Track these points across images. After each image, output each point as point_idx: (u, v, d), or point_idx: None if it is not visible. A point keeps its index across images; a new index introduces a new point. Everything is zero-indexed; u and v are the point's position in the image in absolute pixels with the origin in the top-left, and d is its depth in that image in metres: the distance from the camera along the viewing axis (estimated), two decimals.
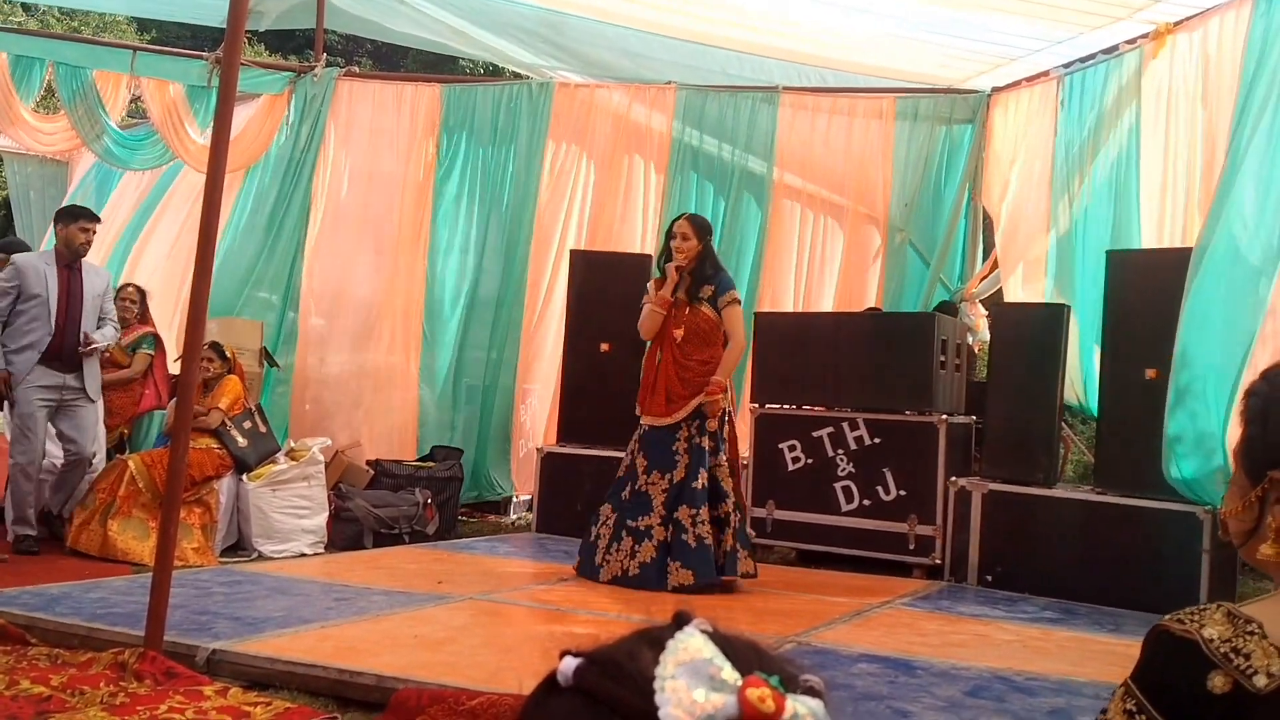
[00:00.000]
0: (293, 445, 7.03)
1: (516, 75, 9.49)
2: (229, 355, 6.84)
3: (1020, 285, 7.77)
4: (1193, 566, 5.39)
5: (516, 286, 8.53)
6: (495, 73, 12.65)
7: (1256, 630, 1.18)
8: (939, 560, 6.33)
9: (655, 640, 0.69)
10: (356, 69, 9.62)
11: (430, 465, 7.79)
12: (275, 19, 8.98)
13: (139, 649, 3.81)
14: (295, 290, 8.53)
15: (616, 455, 7.13)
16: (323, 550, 6.58)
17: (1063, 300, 6.93)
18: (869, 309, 8.03)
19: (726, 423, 5.67)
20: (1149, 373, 5.73)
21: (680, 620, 0.71)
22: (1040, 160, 7.64)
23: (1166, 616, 1.24)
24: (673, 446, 5.54)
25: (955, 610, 5.48)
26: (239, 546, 6.44)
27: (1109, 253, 6.33)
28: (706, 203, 8.50)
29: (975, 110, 8.28)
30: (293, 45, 18.47)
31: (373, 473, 7.66)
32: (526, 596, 5.40)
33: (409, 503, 7.12)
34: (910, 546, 6.42)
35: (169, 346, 7.30)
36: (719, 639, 0.69)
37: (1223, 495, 1.78)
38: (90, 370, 6.18)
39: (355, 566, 5.96)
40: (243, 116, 8.13)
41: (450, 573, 5.79)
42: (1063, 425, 6.95)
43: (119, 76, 8.45)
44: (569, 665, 0.70)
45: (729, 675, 0.66)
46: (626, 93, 8.75)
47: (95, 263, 6.66)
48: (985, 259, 8.56)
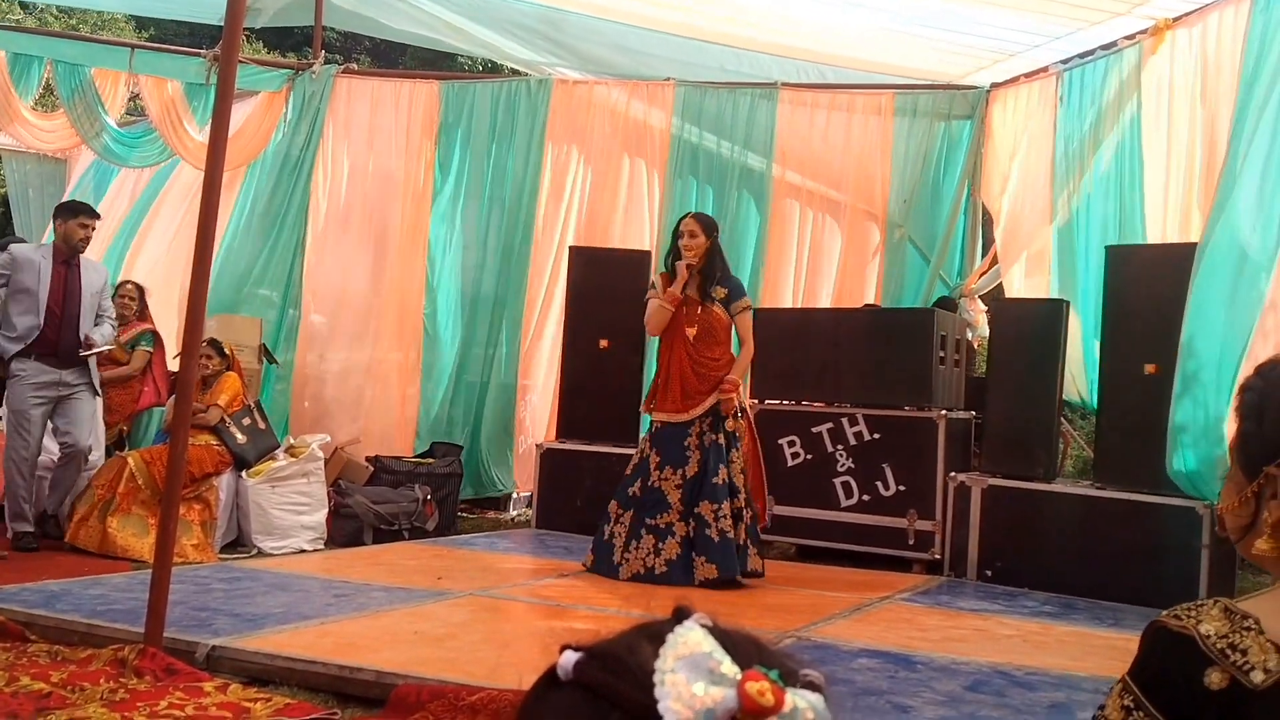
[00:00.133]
0: (292, 442, 7.03)
1: (515, 72, 9.47)
2: (228, 352, 6.84)
3: (1022, 281, 7.76)
4: (1192, 561, 5.39)
5: (516, 283, 8.53)
6: (494, 69, 12.62)
7: (1253, 626, 1.18)
8: (938, 555, 6.34)
9: (655, 634, 0.69)
10: (355, 66, 9.59)
11: (430, 461, 7.80)
12: (273, 16, 8.96)
13: (139, 645, 3.82)
14: (295, 287, 8.53)
15: (616, 451, 7.17)
16: (322, 546, 6.59)
17: (1066, 295, 6.93)
18: (866, 305, 8.03)
19: (742, 417, 5.74)
20: (1148, 368, 5.74)
21: (680, 615, 0.71)
22: (1040, 156, 7.64)
23: (1164, 613, 1.24)
24: (685, 442, 5.62)
25: (955, 605, 5.49)
26: (238, 543, 6.45)
27: (1108, 248, 6.33)
28: (706, 200, 8.49)
29: (974, 106, 8.28)
30: (291, 42, 18.44)
31: (372, 469, 7.67)
32: (526, 592, 5.41)
33: (408, 499, 7.12)
34: (910, 542, 6.43)
35: (168, 343, 7.30)
36: (719, 633, 0.70)
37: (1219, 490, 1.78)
38: (90, 363, 6.16)
39: (355, 563, 5.96)
40: (241, 114, 8.12)
41: (450, 569, 5.80)
42: (1062, 420, 6.95)
43: (117, 74, 8.44)
44: (569, 659, 0.70)
45: (729, 669, 0.66)
46: (625, 89, 8.75)
47: (93, 259, 6.64)
48: (984, 255, 8.56)
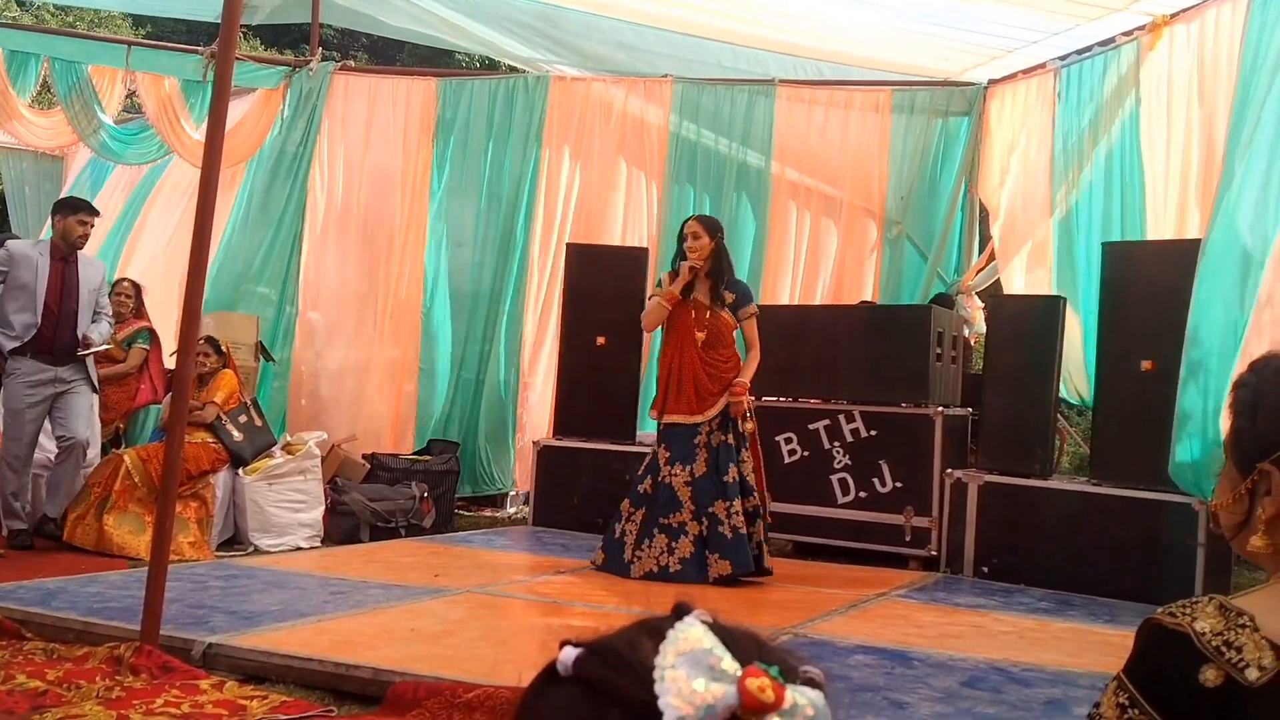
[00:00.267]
0: (289, 439, 7.03)
1: (512, 69, 9.46)
2: (224, 350, 6.83)
3: (1020, 277, 7.76)
4: (1188, 558, 5.40)
5: (513, 280, 8.52)
6: (491, 66, 12.61)
7: (1248, 623, 1.17)
8: (935, 552, 6.35)
9: (655, 630, 0.69)
10: (352, 63, 9.57)
11: (427, 459, 7.80)
12: (270, 13, 8.95)
13: (135, 643, 3.81)
14: (292, 285, 8.52)
15: (613, 449, 7.19)
16: (319, 544, 6.58)
17: (1067, 293, 6.93)
18: (863, 302, 8.03)
19: (749, 419, 5.76)
20: (1145, 364, 5.74)
21: (680, 611, 0.71)
22: (1038, 152, 7.63)
23: (1159, 610, 1.23)
24: (694, 440, 5.66)
25: (951, 602, 5.49)
26: (235, 540, 6.44)
27: (1105, 244, 6.33)
28: (703, 197, 8.49)
29: (972, 103, 8.27)
30: (288, 39, 18.41)
31: (369, 466, 7.66)
32: (523, 589, 5.41)
33: (405, 496, 7.12)
34: (906, 538, 6.43)
35: (164, 341, 7.28)
36: (719, 629, 0.69)
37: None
38: (87, 360, 6.14)
39: (352, 560, 5.96)
40: (238, 111, 8.09)
41: (447, 566, 5.80)
42: (1058, 417, 6.96)
43: (114, 71, 8.43)
44: (568, 655, 0.69)
45: (729, 665, 0.66)
46: (623, 86, 8.74)
47: (90, 255, 6.62)
48: (981, 251, 8.56)
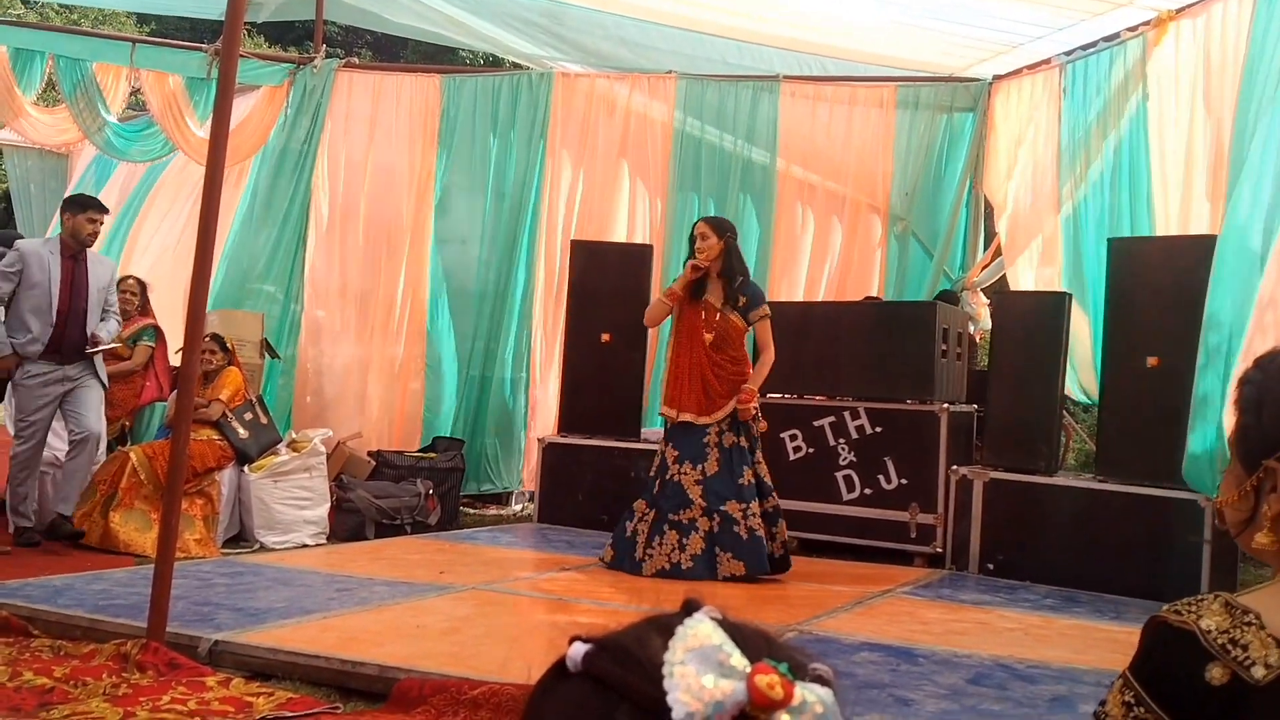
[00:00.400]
0: (294, 436, 7.04)
1: (516, 66, 9.46)
2: (230, 347, 6.84)
3: (1028, 273, 7.74)
4: (1194, 555, 5.38)
5: (518, 277, 8.52)
6: (495, 63, 12.62)
7: (1254, 621, 1.17)
8: (940, 549, 6.34)
9: (664, 627, 0.69)
10: (356, 60, 9.57)
11: (432, 456, 7.80)
12: (274, 10, 8.95)
13: (141, 640, 3.82)
14: (297, 282, 8.52)
15: (617, 446, 7.19)
16: (324, 541, 6.59)
17: (1077, 290, 6.91)
18: (867, 298, 8.02)
19: (760, 420, 5.76)
20: (1151, 360, 5.73)
21: (689, 607, 0.70)
22: (1045, 148, 7.62)
23: (1164, 607, 1.23)
24: (704, 440, 5.65)
25: (957, 598, 5.49)
26: (241, 538, 6.46)
27: (1110, 240, 6.32)
28: (707, 194, 8.49)
29: (976, 98, 8.26)
30: (292, 37, 18.43)
31: (374, 464, 7.67)
32: (529, 586, 5.41)
33: (410, 493, 7.13)
34: (912, 535, 6.43)
35: (169, 338, 7.29)
36: (728, 626, 0.69)
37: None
38: (95, 357, 6.14)
39: (357, 557, 5.96)
40: (242, 108, 8.10)
41: (452, 563, 5.80)
42: (1064, 413, 6.94)
43: (119, 69, 8.42)
44: (578, 651, 0.69)
45: (738, 662, 0.66)
46: (626, 83, 8.73)
47: (98, 253, 6.61)
48: (986, 248, 8.55)
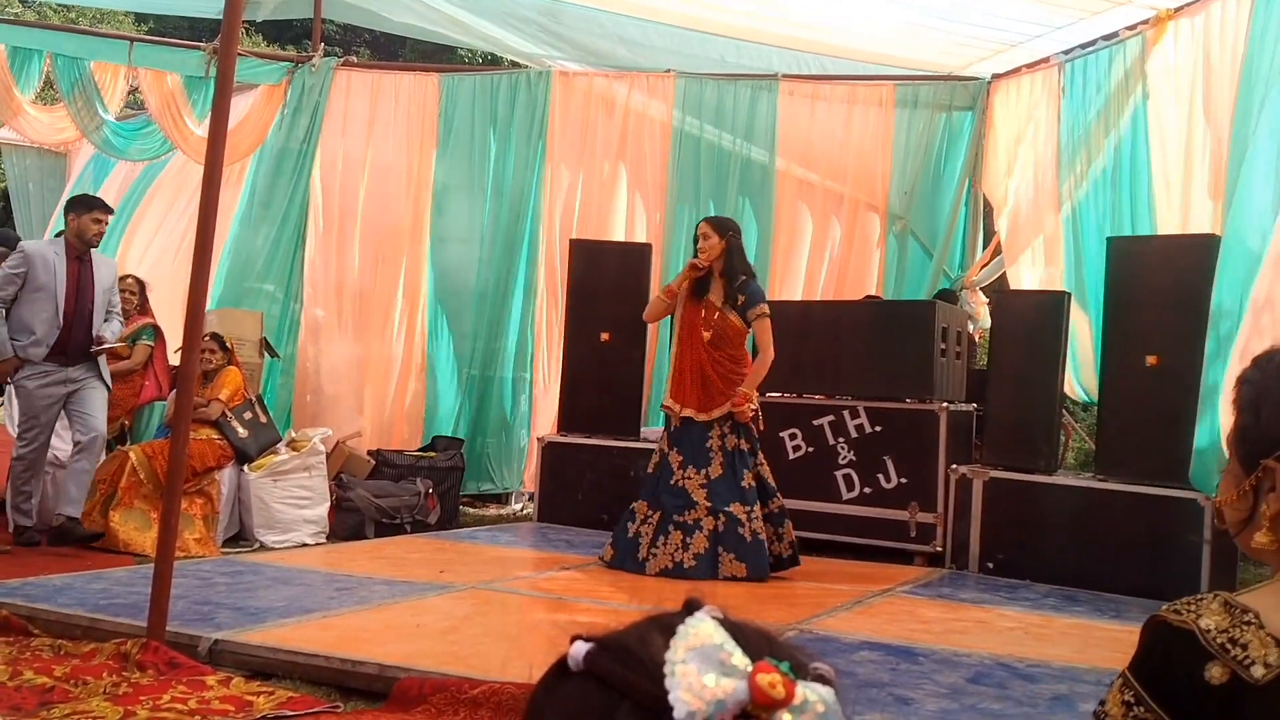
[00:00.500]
0: (294, 436, 7.04)
1: (514, 64, 9.45)
2: (229, 346, 6.84)
3: (1029, 272, 7.74)
4: (1194, 553, 5.38)
5: (516, 276, 8.52)
6: (493, 62, 12.60)
7: (1253, 620, 1.17)
8: (940, 548, 6.34)
9: (666, 626, 0.69)
10: (354, 59, 9.57)
11: (431, 455, 7.80)
12: (273, 9, 8.94)
13: (141, 639, 3.82)
14: (296, 281, 8.52)
15: (617, 445, 7.18)
16: (324, 540, 6.60)
17: (1079, 289, 6.91)
18: (867, 297, 8.02)
19: (758, 423, 5.76)
20: (1150, 359, 5.73)
21: (691, 606, 0.70)
22: (1045, 146, 7.62)
23: (1164, 607, 1.23)
24: (707, 444, 5.66)
25: (956, 597, 5.49)
26: (241, 537, 6.46)
27: (1110, 239, 6.32)
28: (706, 193, 8.49)
29: (975, 97, 8.27)
30: (290, 35, 18.41)
31: (374, 463, 7.67)
32: (528, 585, 5.41)
33: (410, 493, 7.13)
34: (911, 534, 6.43)
35: (168, 337, 7.28)
36: (730, 625, 0.69)
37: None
38: (99, 358, 6.13)
39: (357, 556, 5.96)
40: (241, 107, 8.10)
41: (452, 562, 5.80)
42: (1063, 412, 6.94)
43: (117, 67, 8.42)
44: (579, 650, 0.69)
45: (739, 661, 0.66)
46: (625, 81, 8.73)
47: (101, 253, 6.59)
48: (986, 246, 8.55)
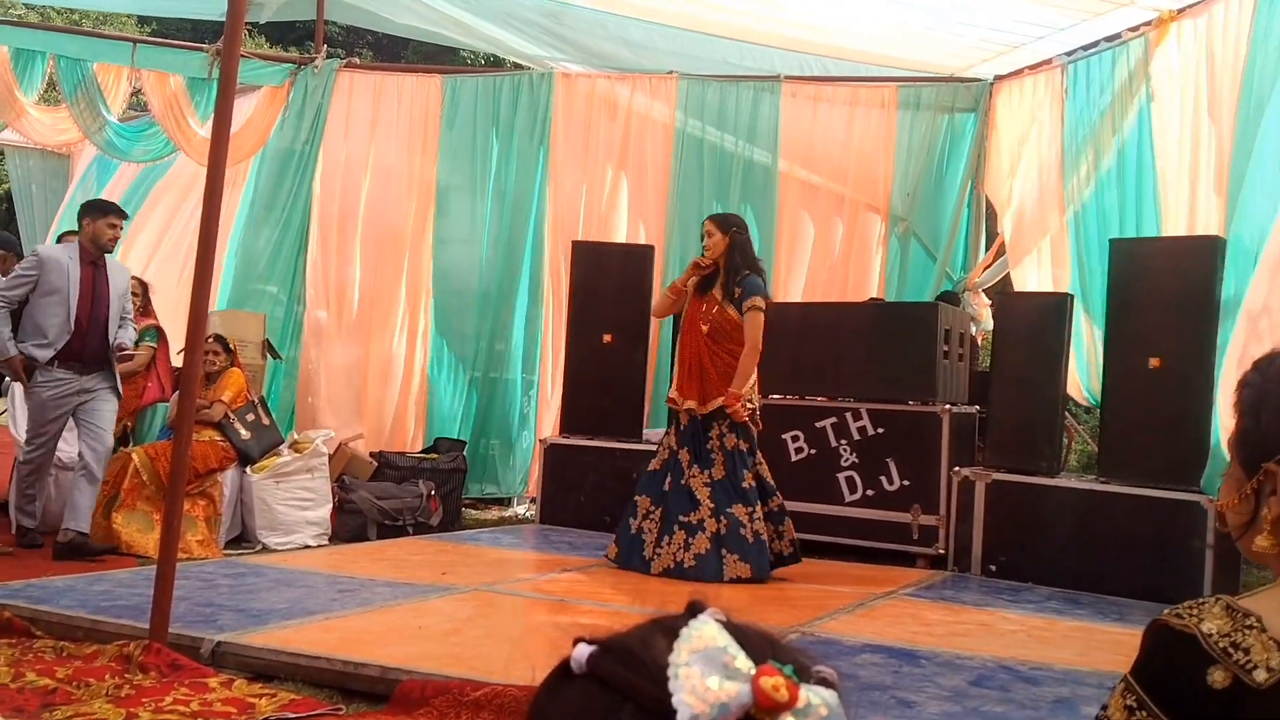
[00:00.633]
0: (296, 437, 7.04)
1: (517, 66, 9.46)
2: (232, 348, 6.84)
3: (1033, 273, 7.73)
4: (1196, 556, 5.37)
5: (519, 278, 8.52)
6: (496, 64, 12.62)
7: (1255, 624, 1.17)
8: (942, 550, 6.33)
9: (669, 628, 0.69)
10: (357, 60, 9.59)
11: (434, 457, 7.80)
12: (276, 11, 8.95)
13: (144, 641, 3.82)
14: (299, 282, 8.53)
15: (619, 446, 7.18)
16: (326, 542, 6.59)
17: (1084, 291, 6.90)
18: (870, 299, 8.02)
19: (755, 421, 5.75)
20: (1153, 361, 5.72)
21: (694, 609, 0.70)
22: (1048, 148, 7.61)
23: (1165, 611, 1.23)
24: (708, 445, 5.67)
25: (959, 600, 5.48)
26: (243, 539, 6.46)
27: (1112, 241, 6.30)
28: (709, 194, 8.49)
29: (978, 99, 8.26)
30: (293, 37, 18.43)
31: (376, 465, 7.67)
32: (531, 587, 5.41)
33: (413, 494, 7.13)
34: (914, 537, 6.42)
35: (171, 339, 7.28)
36: (733, 628, 0.69)
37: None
38: (113, 366, 6.10)
39: (359, 558, 5.96)
40: (243, 108, 8.10)
41: (454, 564, 5.80)
42: (1066, 414, 6.93)
43: (120, 69, 8.43)
44: (582, 652, 0.69)
45: (743, 664, 0.66)
46: (627, 83, 8.73)
47: (115, 259, 6.53)
48: (988, 248, 8.54)
